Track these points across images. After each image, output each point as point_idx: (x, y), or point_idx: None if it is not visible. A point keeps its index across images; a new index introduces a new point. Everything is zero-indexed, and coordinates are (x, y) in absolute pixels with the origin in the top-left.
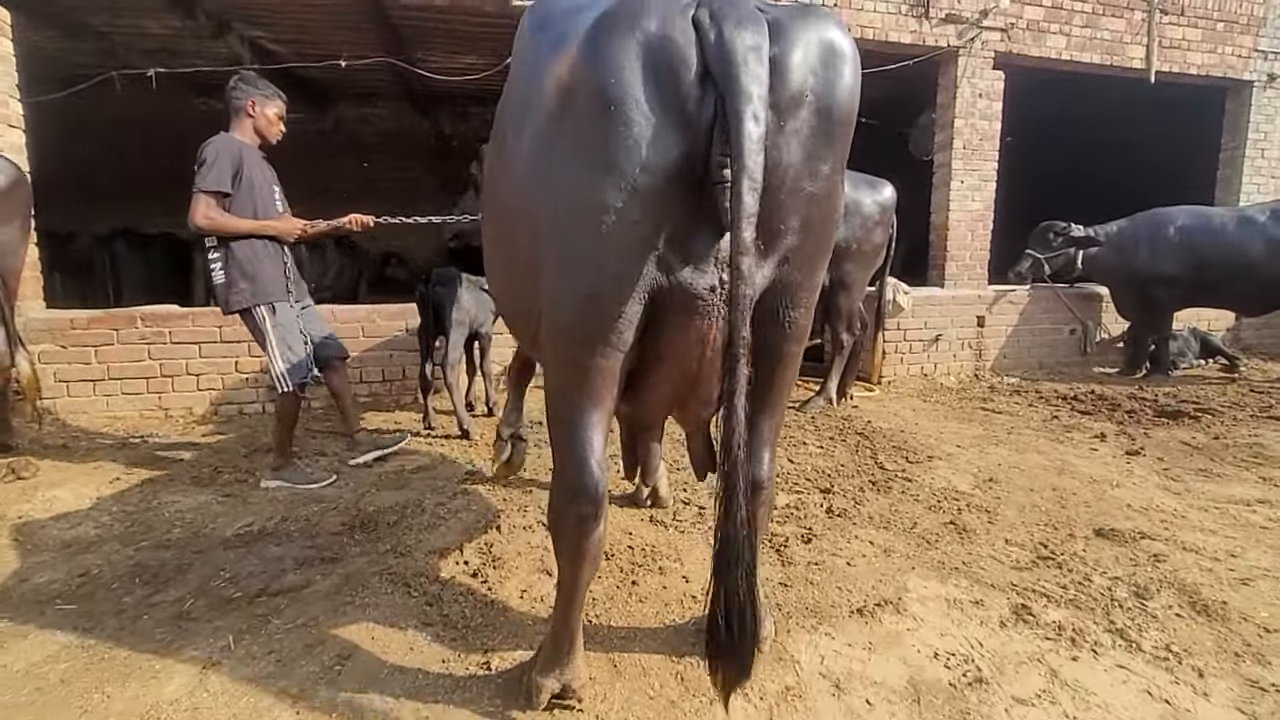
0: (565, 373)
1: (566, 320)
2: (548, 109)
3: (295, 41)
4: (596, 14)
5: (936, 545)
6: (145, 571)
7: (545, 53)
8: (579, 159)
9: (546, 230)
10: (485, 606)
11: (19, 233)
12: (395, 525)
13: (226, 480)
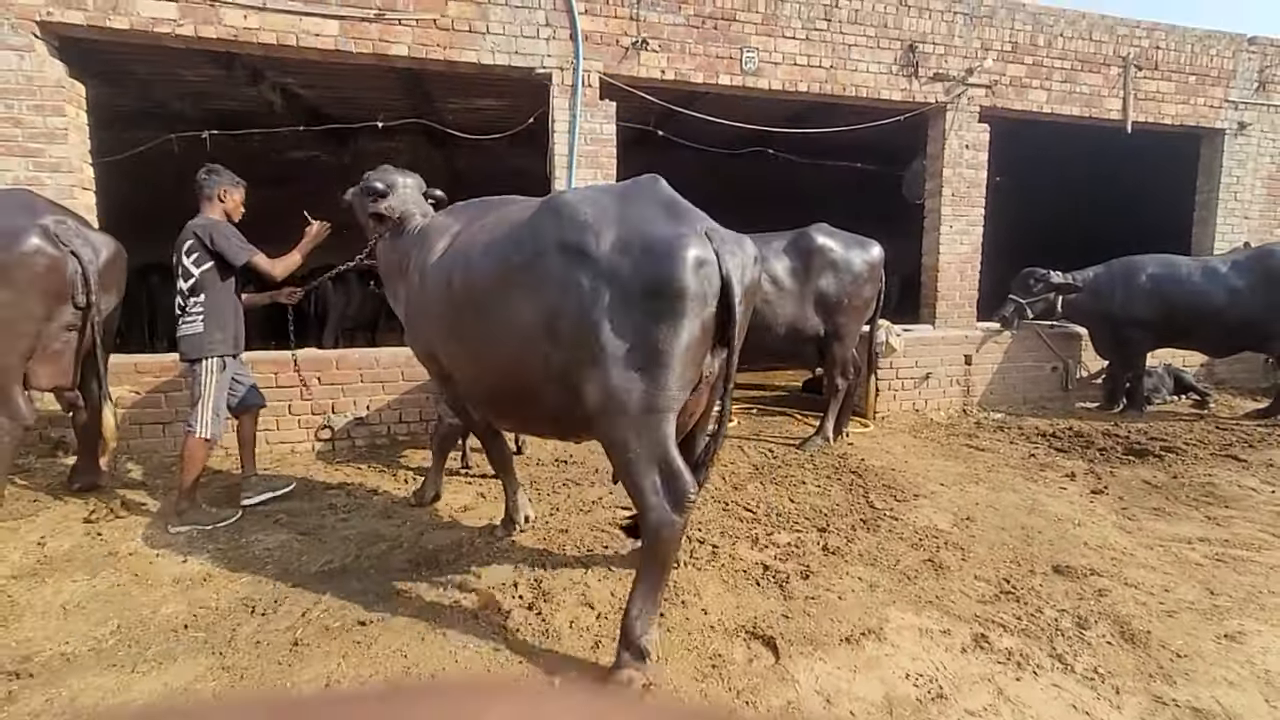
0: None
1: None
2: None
3: (323, 88)
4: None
5: (915, 581)
6: (254, 604)
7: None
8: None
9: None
10: (543, 635)
11: (116, 298)
12: (454, 562)
13: (299, 520)
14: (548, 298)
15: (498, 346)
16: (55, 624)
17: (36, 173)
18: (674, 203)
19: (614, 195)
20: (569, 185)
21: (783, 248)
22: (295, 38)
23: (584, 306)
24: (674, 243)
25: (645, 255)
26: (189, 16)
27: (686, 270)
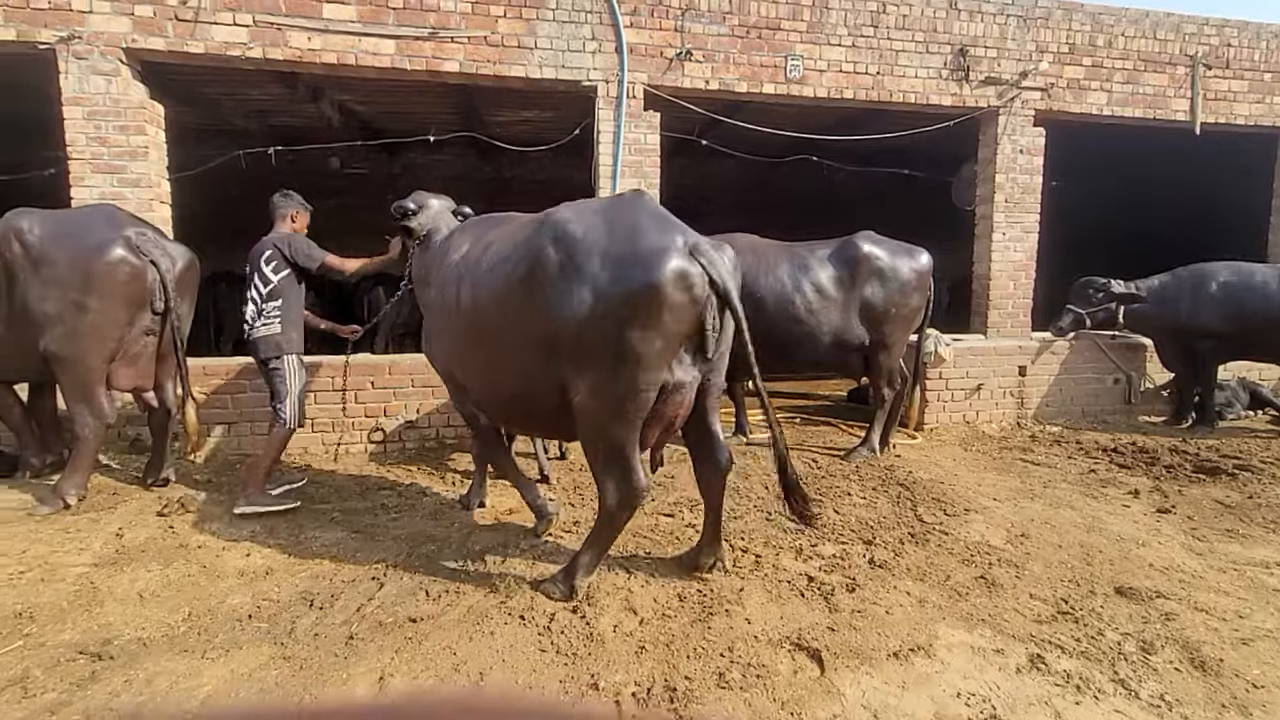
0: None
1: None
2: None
3: (378, 104)
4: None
5: (966, 597)
6: (312, 598)
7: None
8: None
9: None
10: (587, 639)
11: (190, 304)
12: (501, 564)
13: (353, 519)
14: (543, 310)
15: (502, 356)
16: (132, 610)
17: (119, 188)
18: (660, 217)
19: (603, 211)
20: None
21: (827, 256)
22: (354, 57)
23: (574, 316)
24: (657, 255)
25: (630, 268)
26: (258, 39)
27: (667, 281)
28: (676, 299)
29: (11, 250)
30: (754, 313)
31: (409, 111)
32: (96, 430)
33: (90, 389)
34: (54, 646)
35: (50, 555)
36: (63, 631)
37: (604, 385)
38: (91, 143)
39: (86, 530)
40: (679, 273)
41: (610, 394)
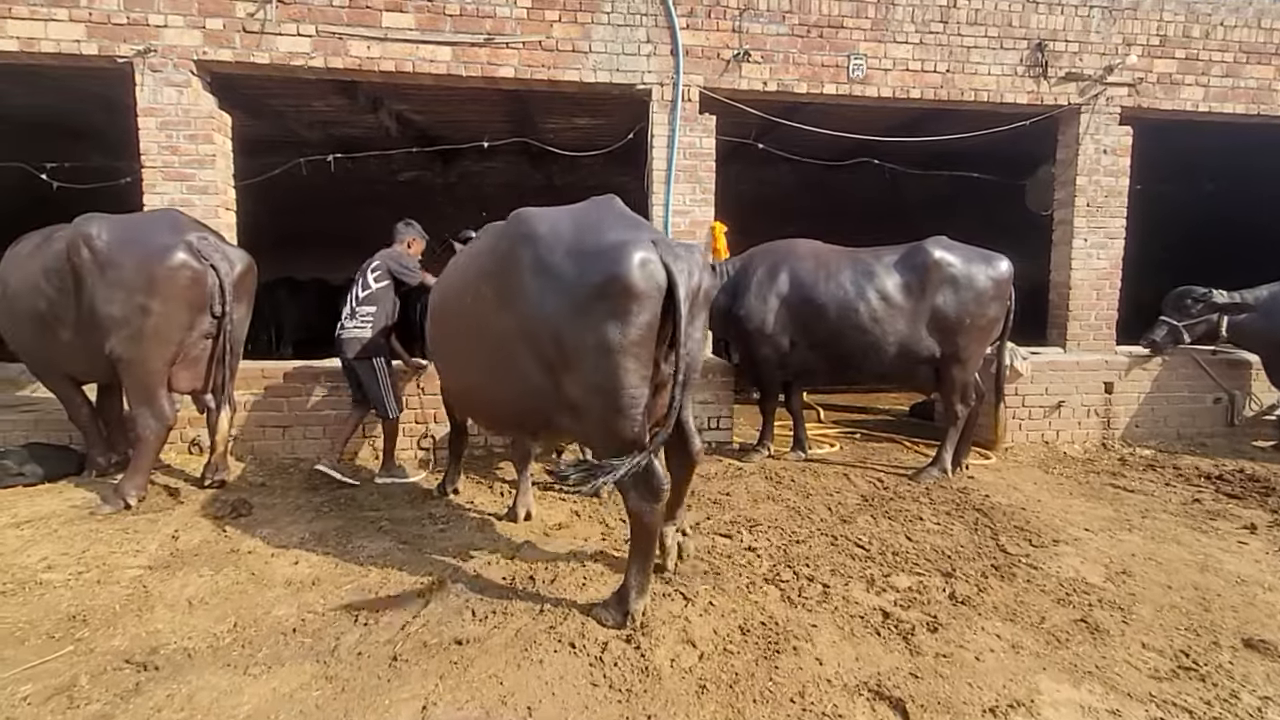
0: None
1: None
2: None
3: (434, 113)
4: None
5: (1067, 644)
6: (357, 612)
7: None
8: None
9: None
10: (641, 673)
11: (247, 308)
12: (550, 583)
13: (402, 525)
14: (518, 309)
15: (484, 360)
16: (180, 617)
17: (188, 195)
18: (626, 216)
19: (571, 212)
20: (667, 200)
21: (894, 262)
22: (412, 65)
23: (548, 313)
24: (621, 248)
25: (596, 260)
26: (320, 49)
27: (633, 271)
28: (642, 289)
29: (80, 255)
30: (815, 320)
31: (464, 120)
32: (157, 431)
33: (152, 391)
34: (103, 653)
35: (108, 556)
36: (113, 637)
37: (586, 383)
38: (163, 151)
39: (144, 531)
40: (643, 263)
41: (598, 392)
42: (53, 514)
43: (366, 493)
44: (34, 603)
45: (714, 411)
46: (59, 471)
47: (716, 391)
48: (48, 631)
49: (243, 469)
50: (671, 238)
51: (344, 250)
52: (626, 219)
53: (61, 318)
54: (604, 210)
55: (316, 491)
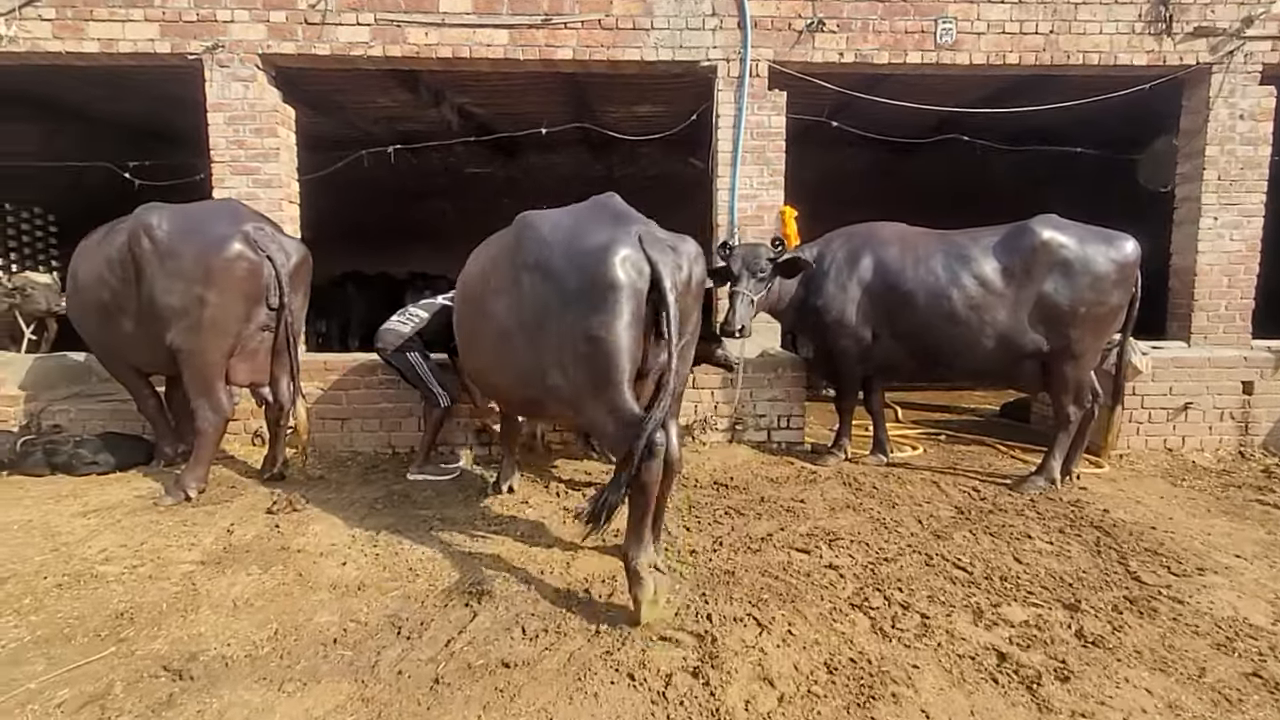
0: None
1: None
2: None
3: (495, 104)
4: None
5: (1242, 707)
6: (400, 624)
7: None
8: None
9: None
10: (711, 716)
11: (304, 300)
12: (608, 599)
13: (452, 527)
14: (518, 304)
15: (491, 348)
16: (223, 620)
17: (254, 188)
18: (620, 214)
19: (571, 212)
20: (733, 184)
21: (994, 244)
22: (469, 50)
23: (541, 308)
24: (605, 246)
25: (583, 258)
26: (379, 38)
27: (614, 267)
28: (624, 283)
29: (141, 245)
30: (901, 310)
31: (524, 111)
32: (215, 424)
33: (210, 383)
34: (143, 657)
35: (164, 549)
36: (155, 639)
37: (579, 372)
38: (231, 146)
39: (202, 524)
40: (624, 259)
41: (589, 382)
42: (119, 503)
43: (420, 489)
44: (87, 596)
45: (784, 409)
46: (130, 461)
47: (787, 388)
48: (95, 629)
49: (302, 462)
50: (659, 232)
51: (408, 244)
52: (620, 217)
53: (124, 308)
54: (599, 210)
55: (372, 486)
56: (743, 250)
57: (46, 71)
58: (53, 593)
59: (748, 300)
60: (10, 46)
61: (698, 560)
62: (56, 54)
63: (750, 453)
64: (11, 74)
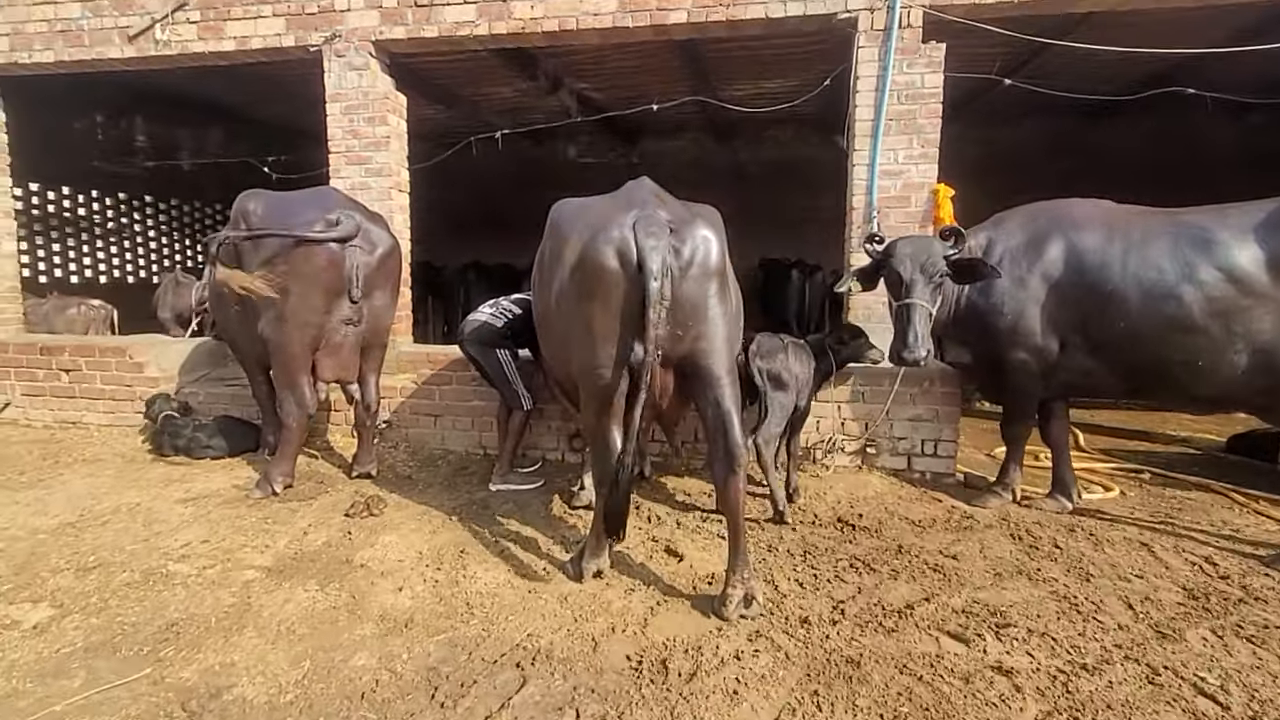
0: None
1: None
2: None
3: (613, 88)
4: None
5: None
6: (438, 681)
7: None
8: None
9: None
10: None
11: (393, 293)
12: (691, 677)
13: (525, 552)
14: (545, 288)
15: (541, 337)
16: (263, 648)
17: (366, 178)
18: (636, 197)
19: (600, 198)
20: (873, 158)
21: (1252, 226)
22: (575, 20)
23: (554, 292)
24: (597, 230)
25: (579, 243)
26: (484, 15)
27: (596, 251)
28: (606, 268)
29: (239, 231)
30: (1103, 313)
31: (642, 94)
32: (298, 418)
33: (294, 376)
34: (169, 688)
35: (239, 549)
36: (189, 665)
37: (575, 360)
38: (346, 136)
39: (282, 522)
40: (607, 242)
41: (578, 370)
42: (216, 492)
43: (500, 501)
44: (149, 600)
45: (930, 432)
46: (240, 447)
47: (935, 406)
48: (141, 642)
49: (394, 458)
50: (668, 211)
51: (528, 235)
52: (635, 200)
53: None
54: (617, 194)
55: (454, 492)
56: (910, 246)
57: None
58: (121, 591)
59: (925, 314)
60: (164, 50)
61: (810, 635)
62: (201, 54)
63: (884, 483)
64: (192, 82)
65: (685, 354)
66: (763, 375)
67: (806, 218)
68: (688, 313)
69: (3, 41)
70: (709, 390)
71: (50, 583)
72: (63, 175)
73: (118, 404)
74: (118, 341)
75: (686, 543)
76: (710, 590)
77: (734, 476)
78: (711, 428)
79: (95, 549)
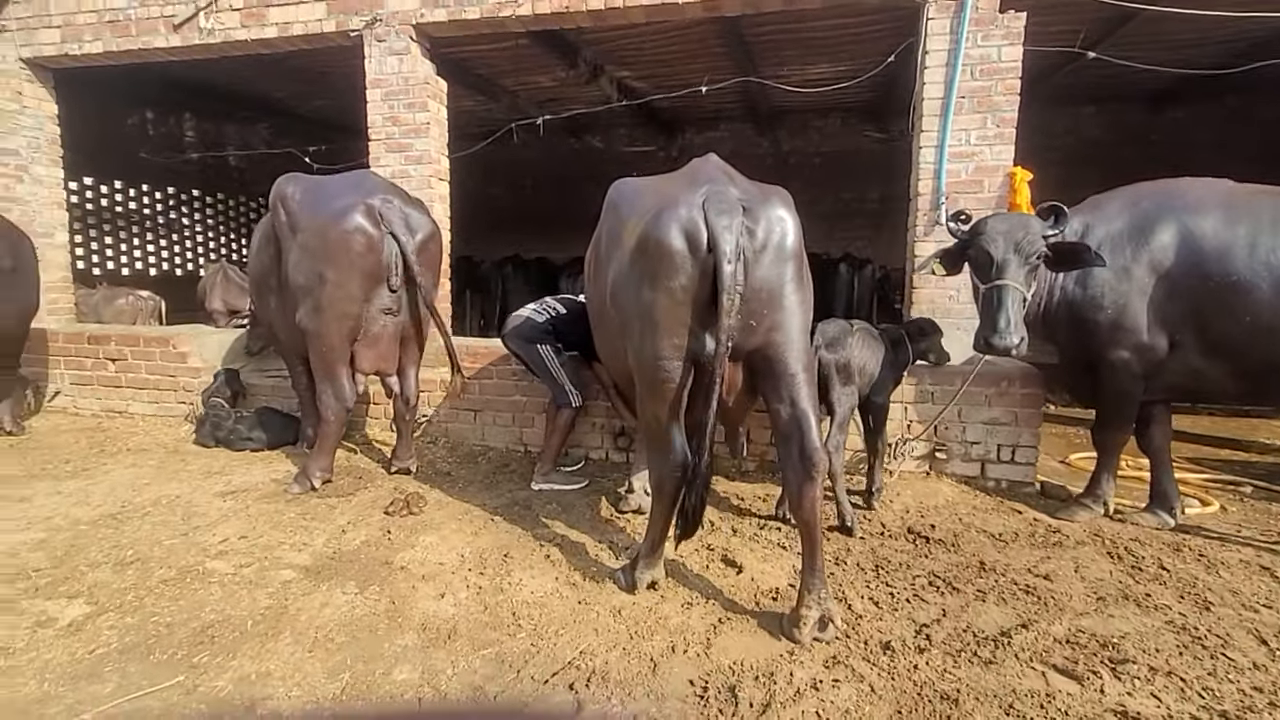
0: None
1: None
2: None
3: (654, 76)
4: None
5: None
6: (489, 702)
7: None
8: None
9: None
10: None
11: (433, 282)
12: (762, 710)
13: (572, 558)
14: (601, 273)
15: (596, 327)
16: (300, 657)
17: (405, 165)
18: (701, 176)
19: (661, 178)
20: (943, 140)
21: None
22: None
23: (612, 277)
24: (661, 209)
25: (641, 224)
26: None
27: (659, 230)
28: (673, 249)
29: (279, 216)
30: (1221, 307)
31: (685, 81)
32: (337, 412)
33: (331, 368)
34: (201, 698)
35: (276, 547)
36: (224, 673)
37: (634, 352)
38: (386, 123)
39: (320, 519)
40: (674, 221)
41: (637, 362)
42: (255, 486)
43: (544, 500)
44: (186, 599)
45: (1007, 437)
46: (278, 439)
47: (1014, 408)
48: (176, 645)
49: (433, 454)
50: (736, 190)
51: (567, 229)
52: (703, 176)
53: (272, 284)
54: (682, 173)
55: (495, 491)
56: (1003, 224)
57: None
58: (157, 589)
59: (1019, 298)
60: (208, 39)
61: (895, 664)
62: (243, 42)
63: (955, 491)
64: (231, 72)
65: (757, 346)
66: (831, 368)
67: (853, 210)
68: (763, 300)
69: (54, 34)
70: (783, 387)
71: (88, 577)
72: (115, 169)
73: (161, 394)
74: (162, 331)
75: (745, 552)
76: (774, 606)
77: (811, 484)
78: (785, 429)
79: (134, 543)
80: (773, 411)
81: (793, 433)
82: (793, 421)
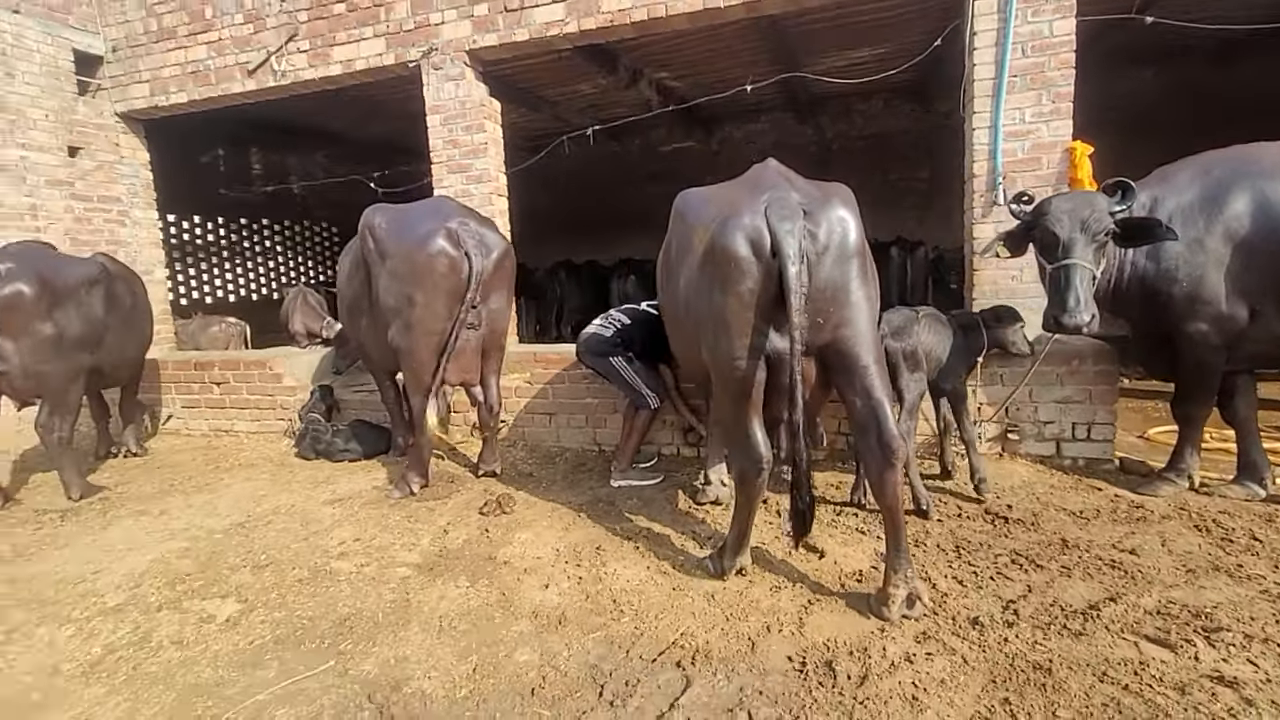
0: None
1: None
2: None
3: (693, 76)
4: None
5: None
6: (604, 679)
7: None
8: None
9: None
10: None
11: (508, 297)
12: (861, 687)
13: (660, 549)
14: (674, 280)
15: (688, 331)
16: (430, 643)
17: (466, 185)
18: (763, 184)
19: (725, 185)
20: (996, 120)
21: None
22: (665, 7)
23: (684, 283)
24: (725, 217)
25: (708, 231)
26: (573, 13)
27: (725, 237)
28: (738, 255)
29: (368, 245)
30: None
31: (723, 79)
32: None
33: (423, 382)
34: (353, 680)
35: (389, 547)
36: (367, 658)
37: (709, 353)
38: (446, 146)
39: (422, 521)
40: (737, 228)
41: (712, 363)
42: (359, 493)
43: (625, 496)
44: (320, 595)
45: (1082, 415)
46: (373, 449)
47: (1087, 385)
48: (321, 635)
49: (514, 456)
50: (796, 193)
51: (613, 232)
52: (763, 183)
53: (363, 308)
54: (742, 181)
55: (577, 489)
56: (1068, 203)
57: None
58: (294, 588)
59: (1088, 276)
60: (280, 80)
61: (985, 637)
62: (311, 81)
63: (1031, 471)
64: (293, 107)
65: (827, 342)
66: (898, 355)
67: (902, 192)
68: (828, 299)
69: (144, 88)
70: (856, 379)
71: (232, 579)
72: (194, 205)
73: (262, 412)
74: (259, 355)
75: (825, 538)
76: (860, 588)
77: (891, 470)
78: (862, 420)
79: (265, 548)
80: (848, 404)
81: (869, 423)
82: (868, 412)
